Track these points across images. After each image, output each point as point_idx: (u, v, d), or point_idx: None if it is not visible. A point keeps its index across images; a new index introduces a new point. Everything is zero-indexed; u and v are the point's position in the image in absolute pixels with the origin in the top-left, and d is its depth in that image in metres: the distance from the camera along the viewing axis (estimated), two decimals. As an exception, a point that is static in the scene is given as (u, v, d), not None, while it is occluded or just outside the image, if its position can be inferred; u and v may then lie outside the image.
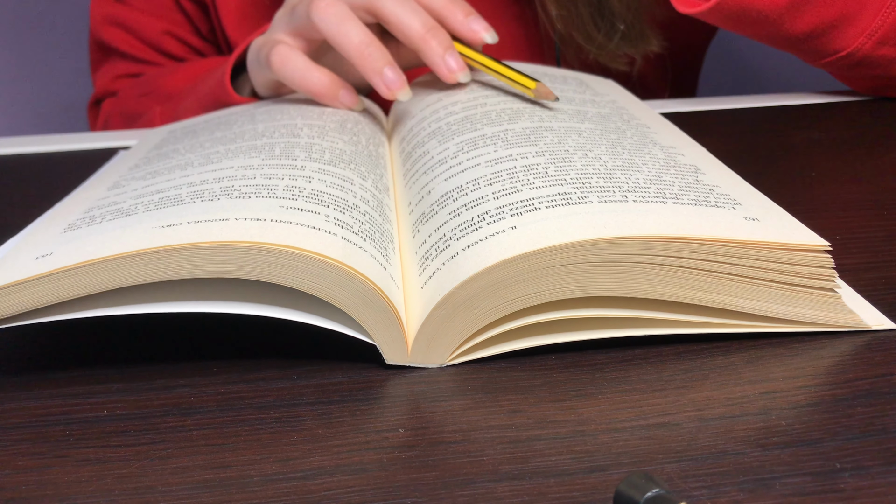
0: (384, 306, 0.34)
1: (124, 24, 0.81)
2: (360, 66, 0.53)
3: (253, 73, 0.60)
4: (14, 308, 0.34)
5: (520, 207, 0.36)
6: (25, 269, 0.34)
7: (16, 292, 0.34)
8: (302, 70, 0.55)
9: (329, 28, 0.53)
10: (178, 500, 0.29)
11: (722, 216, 0.36)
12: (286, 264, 0.33)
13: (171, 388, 0.35)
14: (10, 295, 0.34)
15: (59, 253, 0.35)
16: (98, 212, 0.39)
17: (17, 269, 0.35)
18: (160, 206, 0.38)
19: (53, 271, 0.33)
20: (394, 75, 0.52)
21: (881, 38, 0.61)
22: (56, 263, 0.34)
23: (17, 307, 0.34)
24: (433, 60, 0.53)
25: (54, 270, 0.33)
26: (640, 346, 0.36)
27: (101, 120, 0.83)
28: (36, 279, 0.34)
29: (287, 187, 0.39)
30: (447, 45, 0.53)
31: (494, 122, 0.46)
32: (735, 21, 0.61)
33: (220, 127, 0.52)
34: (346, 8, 0.53)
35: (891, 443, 0.30)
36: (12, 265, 0.35)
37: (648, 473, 0.26)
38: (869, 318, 0.36)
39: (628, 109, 0.51)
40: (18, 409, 0.34)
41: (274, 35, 0.57)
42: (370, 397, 0.34)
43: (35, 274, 0.34)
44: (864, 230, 0.45)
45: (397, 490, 0.29)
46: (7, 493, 0.29)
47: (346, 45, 0.53)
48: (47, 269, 0.34)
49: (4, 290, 0.34)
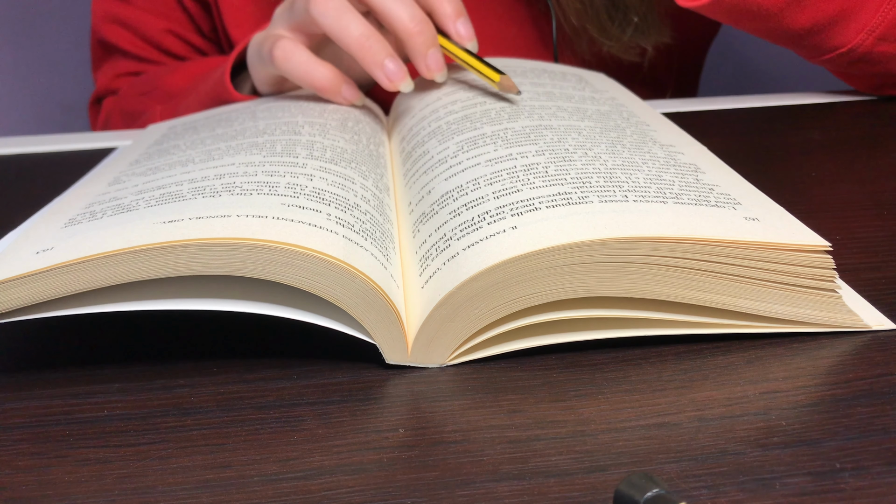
0: (385, 306, 0.34)
1: (126, 22, 0.81)
2: (360, 59, 0.53)
3: (254, 69, 0.60)
4: (14, 302, 0.34)
5: (520, 207, 0.36)
6: (26, 264, 0.34)
7: (16, 287, 0.34)
8: (305, 65, 0.55)
9: (328, 22, 0.53)
10: (178, 500, 0.29)
11: (722, 216, 0.36)
12: (287, 262, 0.33)
13: (171, 388, 0.35)
14: (11, 289, 0.34)
15: (60, 248, 0.35)
16: (99, 207, 0.39)
17: (17, 264, 0.34)
18: (161, 202, 0.38)
19: (54, 266, 0.33)
20: (395, 67, 0.53)
21: (881, 35, 0.60)
22: (57, 258, 0.34)
23: (17, 302, 0.34)
24: (415, 55, 0.54)
25: (55, 265, 0.33)
26: (640, 346, 0.36)
27: (101, 118, 0.83)
28: (36, 274, 0.33)
29: (288, 185, 0.39)
30: (431, 42, 0.54)
31: (494, 120, 0.46)
32: (735, 16, 0.61)
33: (221, 124, 0.52)
34: (344, 1, 0.54)
35: (891, 443, 0.30)
36: (13, 259, 0.35)
37: (648, 473, 0.26)
38: (869, 318, 0.36)
39: (627, 107, 0.51)
40: (18, 409, 0.34)
41: (274, 30, 0.58)
42: (370, 397, 0.34)
43: (35, 269, 0.34)
44: (864, 230, 0.45)
45: (397, 490, 0.29)
46: (7, 493, 0.29)
47: (346, 38, 0.53)
48: (48, 264, 0.34)
49: (4, 284, 0.33)
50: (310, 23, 0.55)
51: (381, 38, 0.53)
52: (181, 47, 0.82)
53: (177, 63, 0.81)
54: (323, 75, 0.54)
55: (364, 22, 0.53)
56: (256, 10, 0.76)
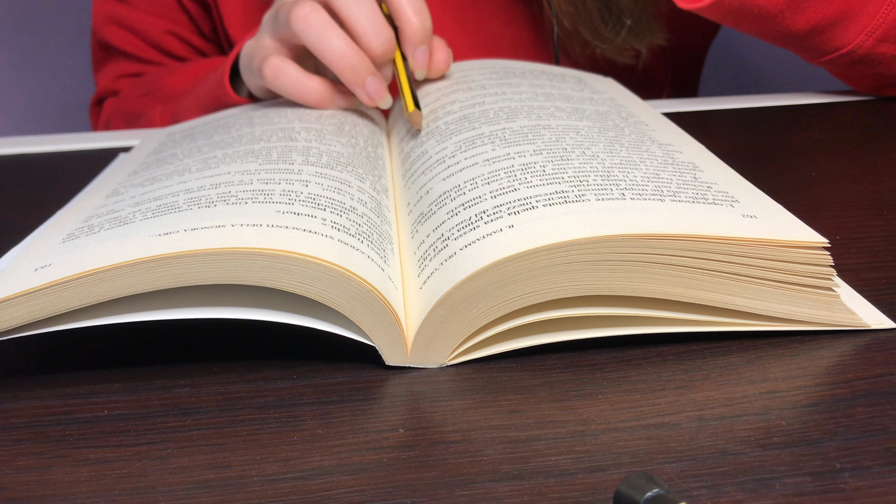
0: (382, 308, 0.34)
1: (126, 23, 0.81)
2: (342, 77, 0.54)
3: (246, 79, 0.60)
4: (15, 320, 0.34)
5: (517, 206, 0.36)
6: (25, 281, 0.34)
7: (15, 305, 0.34)
8: (296, 82, 0.55)
9: (310, 39, 0.53)
10: (178, 500, 0.29)
11: (719, 213, 0.36)
12: (283, 269, 0.33)
13: (171, 388, 0.35)
14: (10, 308, 0.34)
15: (58, 264, 0.35)
16: (97, 220, 0.39)
17: (16, 282, 0.35)
18: (158, 214, 0.38)
19: (52, 283, 0.33)
20: (375, 86, 0.53)
21: (881, 36, 0.61)
22: (55, 275, 0.34)
23: (17, 319, 0.34)
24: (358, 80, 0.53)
25: (53, 282, 0.33)
26: (640, 346, 0.36)
27: (102, 119, 0.83)
28: (35, 291, 0.34)
29: (283, 192, 0.39)
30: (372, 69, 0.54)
31: (492, 120, 0.46)
32: (735, 17, 0.61)
33: (219, 130, 0.52)
34: (324, 16, 0.53)
35: (891, 443, 0.30)
36: (12, 277, 0.35)
37: (648, 473, 0.26)
38: (869, 318, 0.36)
39: (626, 107, 0.51)
40: (18, 409, 0.34)
41: (262, 40, 0.58)
42: (370, 397, 0.34)
43: (34, 286, 0.34)
44: (864, 230, 0.45)
45: (397, 490, 0.29)
46: (7, 493, 0.29)
47: (327, 55, 0.53)
48: (46, 281, 0.34)
49: (4, 302, 0.34)
50: (291, 37, 0.55)
51: (362, 56, 0.53)
52: (181, 48, 0.82)
53: (177, 64, 0.81)
54: (314, 90, 0.55)
55: (345, 38, 0.53)
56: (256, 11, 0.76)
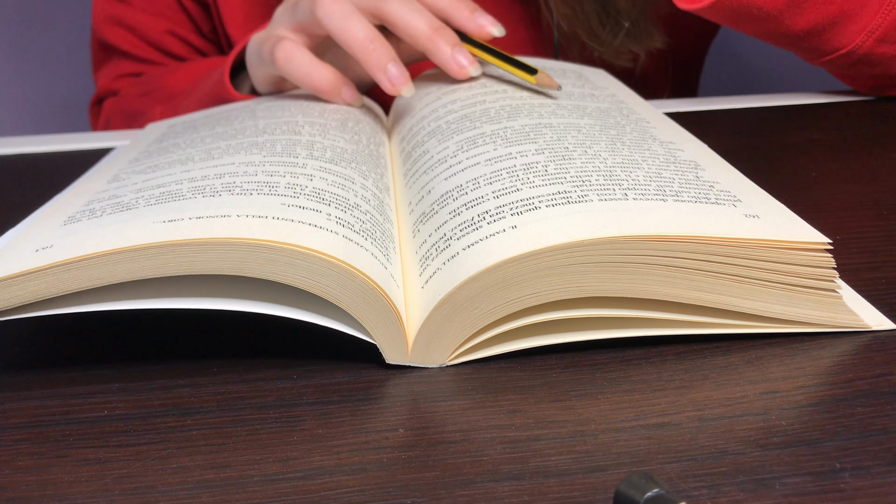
0: (385, 305, 0.34)
1: (126, 23, 0.81)
2: (364, 62, 0.53)
3: (253, 69, 0.60)
4: (13, 300, 0.34)
5: (520, 206, 0.36)
6: (25, 262, 0.34)
7: (15, 284, 0.34)
8: (307, 66, 0.55)
9: (333, 24, 0.53)
10: (178, 500, 0.29)
11: (722, 213, 0.36)
12: (287, 262, 0.33)
13: (171, 388, 0.35)
14: (9, 287, 0.34)
15: (59, 246, 0.35)
16: (98, 205, 0.39)
17: (16, 261, 0.34)
18: (161, 201, 0.38)
19: (53, 264, 0.33)
20: (397, 71, 0.53)
21: (881, 36, 0.61)
22: (56, 256, 0.34)
23: (16, 300, 0.34)
24: (443, 59, 0.54)
25: (54, 263, 0.33)
26: (640, 346, 0.36)
27: (102, 119, 0.83)
28: (35, 272, 0.33)
29: (289, 185, 0.39)
30: (454, 42, 0.54)
31: (494, 119, 0.46)
32: (735, 18, 0.61)
33: (221, 122, 0.52)
34: (350, 5, 0.54)
35: (891, 443, 0.30)
36: (12, 257, 0.35)
37: (648, 473, 0.26)
38: (869, 318, 0.36)
39: (627, 103, 0.51)
40: (18, 409, 0.34)
41: (275, 30, 0.57)
42: (370, 397, 0.34)
43: (34, 266, 0.33)
44: (864, 230, 0.45)
45: (397, 490, 0.29)
46: (7, 493, 0.29)
47: (350, 40, 0.53)
48: (47, 262, 0.33)
49: (3, 281, 0.33)
50: (314, 24, 0.55)
51: (385, 42, 0.53)
52: (181, 48, 0.82)
53: (177, 64, 0.81)
54: (324, 77, 0.55)
55: (368, 25, 0.53)
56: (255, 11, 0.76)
